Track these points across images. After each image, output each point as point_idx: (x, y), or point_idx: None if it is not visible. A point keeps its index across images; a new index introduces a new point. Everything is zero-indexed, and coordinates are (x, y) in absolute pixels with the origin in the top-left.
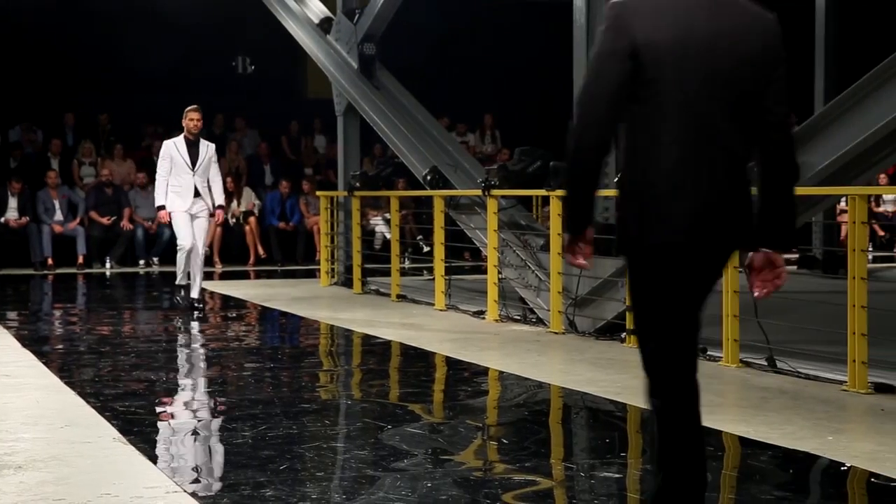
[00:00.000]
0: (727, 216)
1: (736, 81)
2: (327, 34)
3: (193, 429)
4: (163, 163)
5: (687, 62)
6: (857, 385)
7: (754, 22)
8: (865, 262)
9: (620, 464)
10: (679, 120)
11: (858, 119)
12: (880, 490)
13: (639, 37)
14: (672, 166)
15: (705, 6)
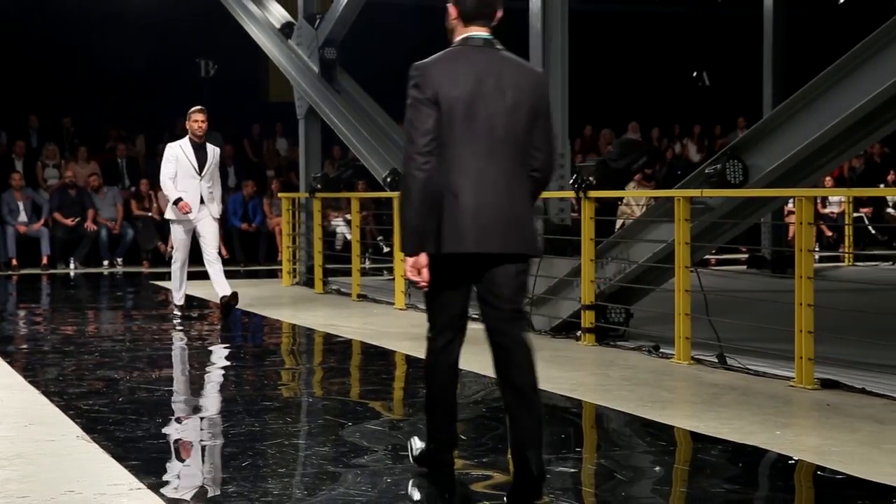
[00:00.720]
0: (513, 232)
1: (514, 128)
2: (289, 38)
3: (157, 426)
4: (168, 165)
5: (474, 113)
6: (804, 381)
7: (528, 78)
8: (812, 262)
9: (576, 458)
10: (469, 159)
11: (804, 124)
12: (826, 483)
13: (438, 89)
14: (458, 197)
15: (490, 66)
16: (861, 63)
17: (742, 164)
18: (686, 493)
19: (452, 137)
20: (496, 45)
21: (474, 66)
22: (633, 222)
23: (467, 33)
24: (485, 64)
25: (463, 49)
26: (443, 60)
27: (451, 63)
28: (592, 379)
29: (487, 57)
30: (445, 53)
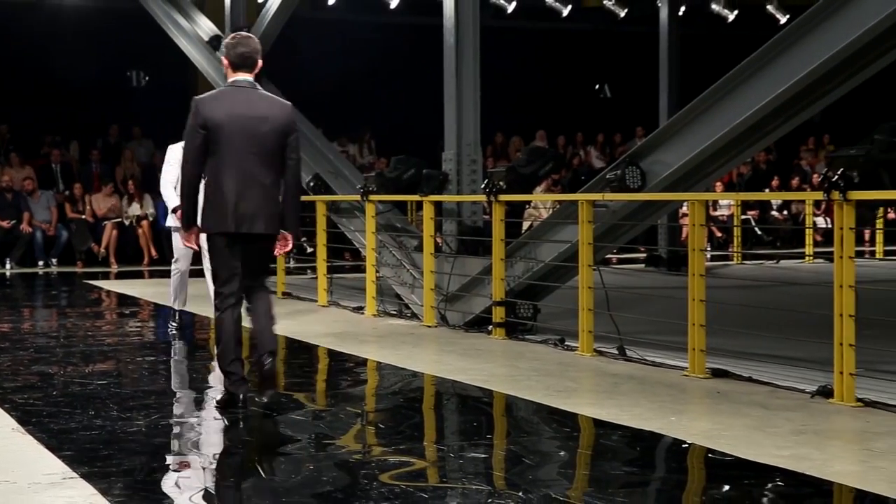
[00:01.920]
0: (261, 217)
1: (265, 144)
2: (216, 51)
3: (89, 419)
4: (169, 168)
5: (234, 133)
6: (697, 370)
7: (277, 108)
8: (703, 261)
9: (487, 445)
10: (231, 166)
11: (696, 133)
12: (716, 464)
13: (206, 118)
14: (229, 194)
15: (247, 99)
16: (747, 77)
17: (640, 170)
18: (588, 475)
19: (219, 151)
20: (256, 86)
21: (238, 100)
22: (541, 224)
23: (235, 77)
24: (246, 99)
25: (231, 89)
26: (214, 97)
27: (220, 98)
28: (502, 370)
29: (248, 94)
30: (218, 91)
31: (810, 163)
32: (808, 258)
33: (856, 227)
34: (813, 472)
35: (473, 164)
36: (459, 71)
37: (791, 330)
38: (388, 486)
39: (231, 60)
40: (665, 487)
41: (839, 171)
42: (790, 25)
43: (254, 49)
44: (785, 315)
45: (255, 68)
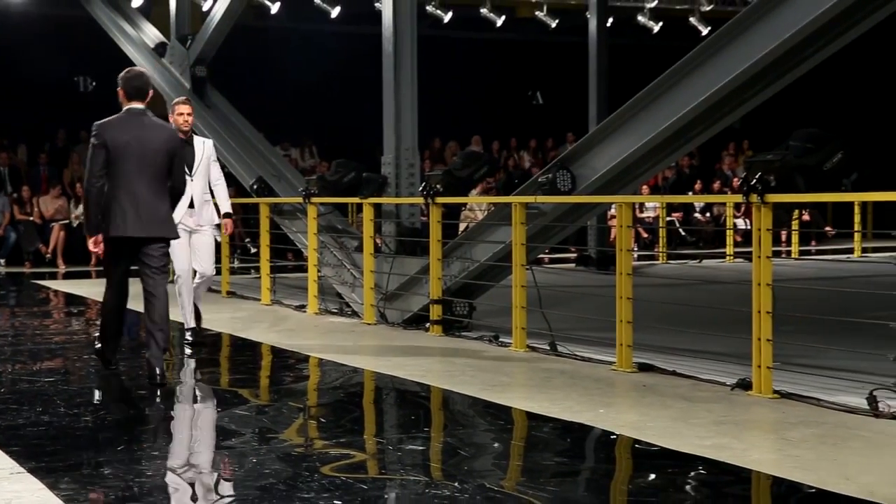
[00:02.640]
0: (150, 225)
1: (155, 163)
2: (162, 57)
3: (37, 415)
4: None
5: (128, 153)
6: (624, 365)
7: (164, 132)
8: (631, 260)
9: (424, 437)
10: (124, 182)
11: (624, 139)
12: (642, 454)
13: (107, 139)
14: (124, 204)
15: (140, 124)
16: (671, 86)
17: (570, 174)
18: (521, 466)
19: (117, 167)
20: (147, 113)
21: (133, 125)
22: (476, 225)
23: (129, 105)
24: (139, 124)
25: (126, 115)
26: (113, 121)
27: (118, 123)
28: (439, 366)
29: (141, 120)
30: (116, 117)
31: (731, 167)
32: (728, 258)
33: (773, 229)
34: (732, 461)
35: (411, 168)
36: (398, 78)
37: (712, 326)
38: (329, 478)
39: (126, 91)
40: (594, 477)
41: (757, 175)
42: (711, 37)
43: (145, 83)
44: (707, 312)
45: (147, 98)
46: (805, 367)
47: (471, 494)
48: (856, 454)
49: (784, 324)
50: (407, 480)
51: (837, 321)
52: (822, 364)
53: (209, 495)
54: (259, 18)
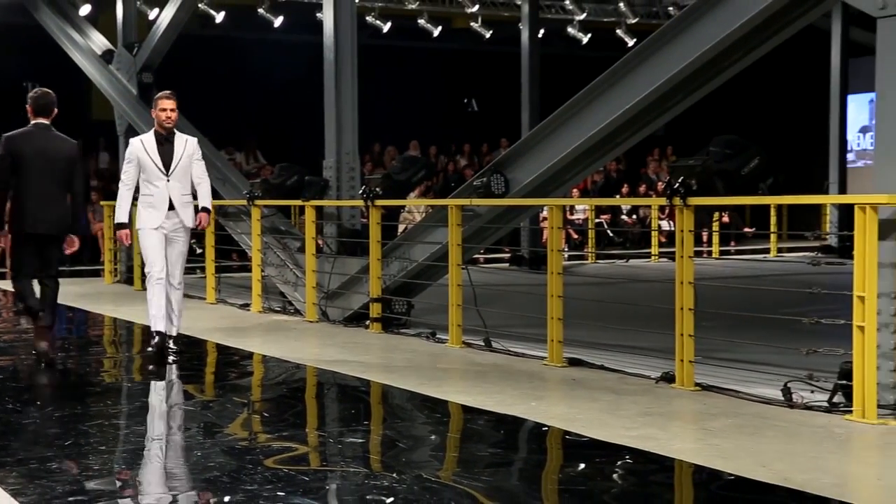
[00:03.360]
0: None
1: (58, 171)
2: (109, 64)
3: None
4: (127, 168)
5: (35, 162)
6: (555, 360)
7: (66, 145)
8: (561, 260)
9: (364, 430)
10: (32, 187)
11: (554, 145)
12: (572, 445)
13: (14, 150)
14: (31, 205)
15: (44, 138)
16: (599, 94)
17: (504, 178)
18: (457, 457)
19: (24, 175)
20: (51, 129)
21: (38, 137)
22: (414, 227)
23: (36, 121)
24: (44, 137)
25: (33, 129)
26: (21, 134)
27: (25, 136)
28: (379, 361)
29: (45, 134)
30: (23, 130)
31: (655, 171)
32: (653, 257)
33: (694, 230)
34: (657, 450)
35: (352, 172)
36: (339, 86)
37: (638, 322)
38: (272, 471)
39: (34, 108)
40: (526, 467)
41: (680, 179)
42: (636, 48)
43: (51, 101)
44: (633, 309)
45: (51, 115)
46: (725, 361)
47: (408, 485)
48: (771, 443)
49: (705, 320)
50: (347, 472)
51: (755, 317)
52: (740, 358)
53: (155, 488)
54: (204, 27)
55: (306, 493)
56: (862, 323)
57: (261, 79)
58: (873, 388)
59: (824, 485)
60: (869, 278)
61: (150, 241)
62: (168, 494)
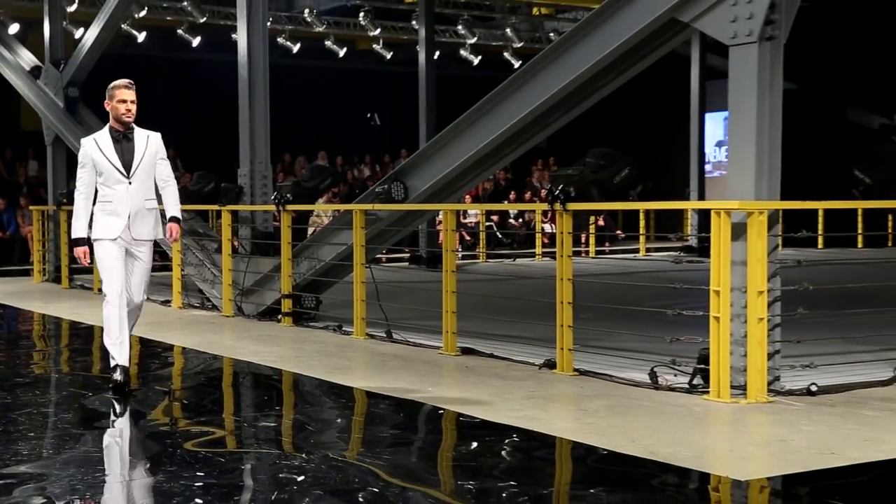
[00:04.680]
0: None
1: None
2: (37, 79)
3: None
4: (81, 173)
5: None
6: (450, 349)
7: None
8: (455, 259)
9: (276, 415)
10: None
11: (449, 156)
12: (465, 426)
13: None
14: None
15: None
16: (489, 110)
17: (403, 185)
18: (361, 438)
19: None
20: None
21: None
22: (322, 229)
23: None
24: None
25: None
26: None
27: None
28: (290, 352)
29: None
30: None
31: (539, 180)
32: (537, 256)
33: (573, 232)
34: (540, 429)
35: (265, 179)
36: (252, 101)
37: (524, 315)
38: (192, 453)
39: None
40: (424, 446)
41: (560, 187)
42: (521, 69)
43: None
44: (519, 303)
45: None
46: (599, 349)
47: (317, 464)
48: (640, 421)
49: (582, 312)
50: (261, 453)
51: (626, 310)
52: (613, 346)
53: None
54: (127, 46)
55: (223, 473)
56: (717, 314)
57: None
58: (727, 371)
59: (685, 457)
60: (723, 274)
61: (108, 255)
62: (93, 478)
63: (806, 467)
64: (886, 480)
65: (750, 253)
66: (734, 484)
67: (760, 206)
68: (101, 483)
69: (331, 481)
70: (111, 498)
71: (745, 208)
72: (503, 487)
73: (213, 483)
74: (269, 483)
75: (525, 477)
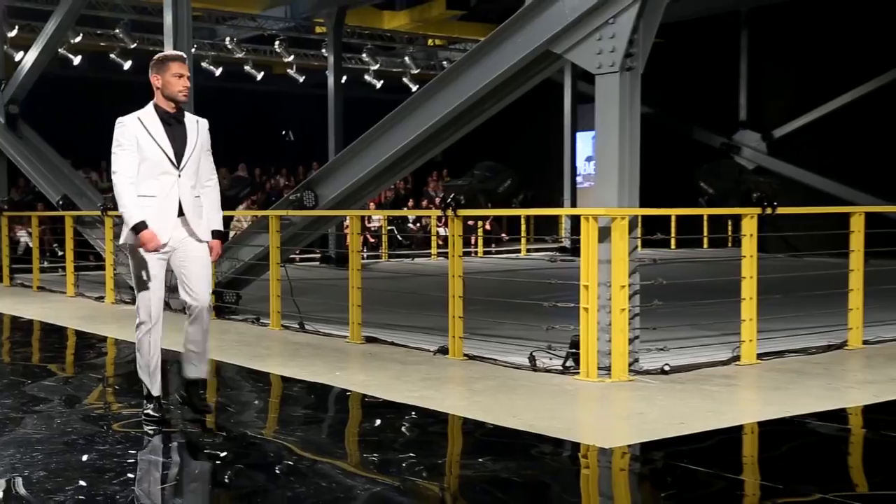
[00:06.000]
0: None
1: None
2: None
3: None
4: (123, 155)
5: None
6: (355, 338)
7: None
8: (360, 259)
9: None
10: None
11: (354, 167)
12: (370, 405)
13: None
14: None
15: None
16: (389, 128)
17: (314, 194)
18: (277, 417)
19: None
20: None
21: None
22: (242, 233)
23: None
24: None
25: None
26: None
27: None
28: (212, 342)
29: None
30: None
31: (434, 189)
32: (433, 256)
33: (463, 235)
34: (435, 407)
35: None
36: None
37: (421, 307)
38: (122, 433)
39: None
40: (333, 424)
41: (451, 195)
42: (418, 92)
43: None
44: (417, 297)
45: None
46: (486, 336)
47: (237, 440)
48: (520, 398)
49: (471, 304)
50: (186, 432)
51: (509, 302)
52: (498, 334)
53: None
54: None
55: (151, 450)
56: (587, 305)
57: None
58: (595, 355)
59: (559, 428)
60: (591, 271)
61: (147, 264)
62: (30, 457)
63: (660, 435)
64: (725, 445)
65: (614, 253)
66: (600, 451)
67: (622, 213)
68: (38, 462)
69: (250, 456)
70: (48, 475)
71: (609, 214)
72: (403, 458)
73: (143, 459)
74: (195, 459)
75: (421, 449)
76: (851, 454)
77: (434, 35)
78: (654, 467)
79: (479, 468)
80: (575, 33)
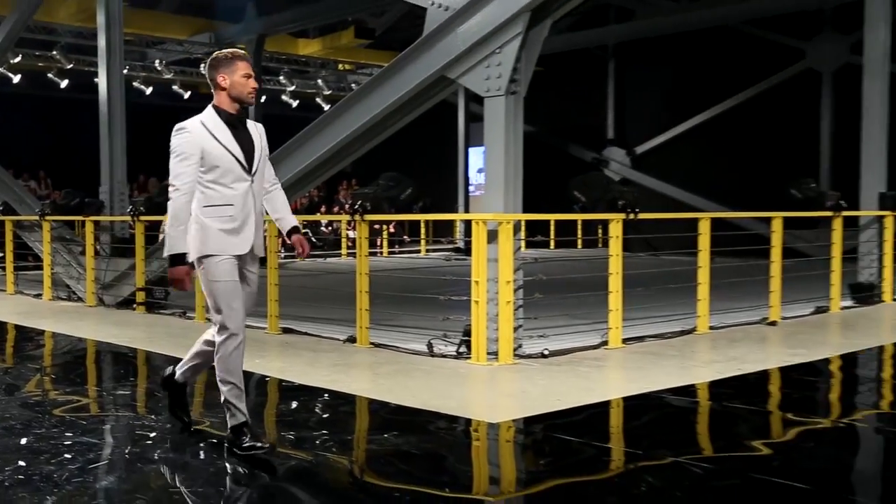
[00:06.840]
0: None
1: None
2: None
3: None
4: (184, 167)
5: None
6: (273, 329)
7: None
8: (277, 259)
9: (132, 385)
10: None
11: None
12: (286, 388)
13: None
14: None
15: None
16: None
17: None
18: (202, 401)
19: None
20: None
21: None
22: None
23: None
24: None
25: None
26: None
27: None
28: (143, 334)
29: None
30: None
31: (345, 197)
32: (343, 256)
33: (370, 237)
34: (344, 390)
35: (122, 195)
36: (111, 132)
37: (332, 301)
38: (59, 418)
39: None
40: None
41: (359, 202)
42: (329, 111)
43: None
44: (329, 292)
45: None
46: (389, 326)
47: (164, 423)
48: (418, 381)
49: (377, 298)
50: (118, 416)
51: (410, 296)
52: (400, 324)
53: None
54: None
55: (85, 432)
56: (477, 298)
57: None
58: (484, 341)
59: (452, 406)
60: (481, 269)
61: (228, 276)
62: None
63: (540, 411)
64: (595, 417)
65: (501, 252)
66: (489, 425)
67: (508, 218)
68: None
69: (177, 437)
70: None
71: (497, 219)
72: (317, 436)
73: (78, 441)
74: (126, 440)
75: (333, 427)
76: (699, 423)
77: (343, 60)
78: (535, 438)
79: (383, 443)
80: (466, 61)
